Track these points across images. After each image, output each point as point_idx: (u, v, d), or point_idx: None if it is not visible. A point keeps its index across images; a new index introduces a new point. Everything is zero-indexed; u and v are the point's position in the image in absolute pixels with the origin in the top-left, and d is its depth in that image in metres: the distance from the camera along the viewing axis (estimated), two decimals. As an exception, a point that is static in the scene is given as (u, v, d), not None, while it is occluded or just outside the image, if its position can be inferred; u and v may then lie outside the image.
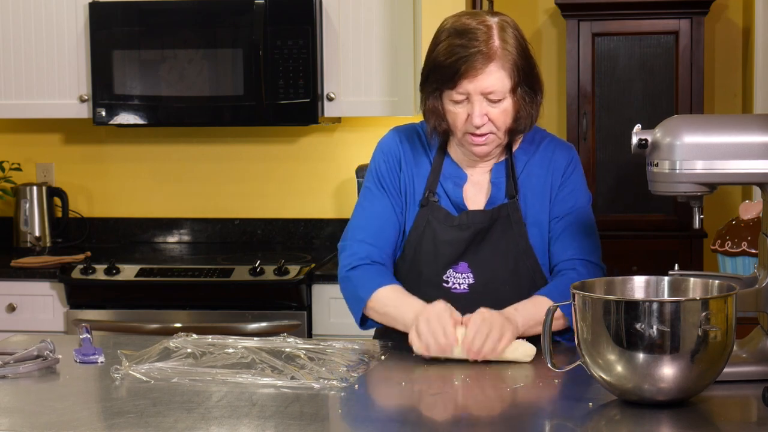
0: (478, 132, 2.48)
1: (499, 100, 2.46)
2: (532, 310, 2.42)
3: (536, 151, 2.60)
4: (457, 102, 2.48)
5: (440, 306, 2.41)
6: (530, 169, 2.59)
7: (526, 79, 2.48)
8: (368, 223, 2.62)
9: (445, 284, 2.55)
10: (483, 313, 2.37)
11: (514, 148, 2.60)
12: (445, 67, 2.45)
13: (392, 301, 2.51)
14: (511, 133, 2.52)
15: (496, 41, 2.44)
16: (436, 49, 2.49)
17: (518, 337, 2.38)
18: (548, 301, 2.42)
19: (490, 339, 2.32)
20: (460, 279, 2.54)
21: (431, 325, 2.36)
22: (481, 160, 2.58)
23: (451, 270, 2.55)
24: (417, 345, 2.37)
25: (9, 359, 2.31)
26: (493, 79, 2.44)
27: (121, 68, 4.16)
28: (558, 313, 2.43)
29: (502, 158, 2.60)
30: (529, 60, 2.49)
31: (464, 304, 2.48)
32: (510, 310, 2.42)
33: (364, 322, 2.59)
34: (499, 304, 2.44)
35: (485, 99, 2.45)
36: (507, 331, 2.34)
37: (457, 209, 2.57)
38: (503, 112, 2.47)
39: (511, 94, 2.46)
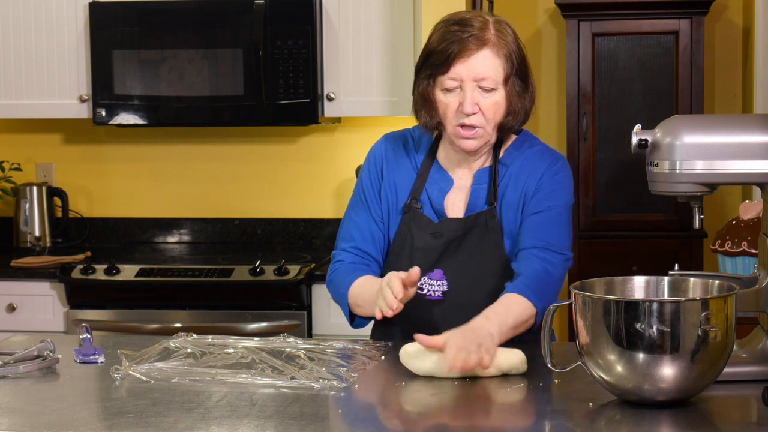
0: (468, 122, 2.47)
1: (492, 90, 2.45)
2: (504, 315, 2.33)
3: (518, 158, 2.56)
4: (449, 90, 2.47)
5: (386, 278, 2.38)
6: (508, 178, 2.55)
7: (519, 72, 2.49)
8: (352, 234, 2.63)
9: (420, 291, 2.50)
10: (453, 332, 2.25)
11: (502, 153, 2.59)
12: (438, 53, 2.46)
13: (363, 289, 2.51)
14: (501, 129, 2.52)
15: (492, 31, 2.46)
16: (430, 39, 2.51)
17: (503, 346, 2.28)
18: (518, 298, 2.36)
19: (471, 353, 2.19)
20: (434, 286, 2.52)
21: (382, 291, 2.34)
22: (469, 155, 2.56)
23: (426, 277, 2.52)
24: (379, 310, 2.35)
25: (9, 359, 2.31)
26: (487, 64, 2.44)
27: (121, 68, 4.16)
28: (527, 313, 2.38)
29: (488, 164, 2.59)
30: (523, 55, 2.50)
31: (438, 311, 2.48)
32: (481, 320, 2.30)
33: (353, 319, 2.60)
34: (472, 311, 2.34)
35: (477, 87, 2.45)
36: (484, 340, 2.22)
37: (438, 216, 2.56)
38: (495, 104, 2.47)
39: (503, 85, 2.46)
